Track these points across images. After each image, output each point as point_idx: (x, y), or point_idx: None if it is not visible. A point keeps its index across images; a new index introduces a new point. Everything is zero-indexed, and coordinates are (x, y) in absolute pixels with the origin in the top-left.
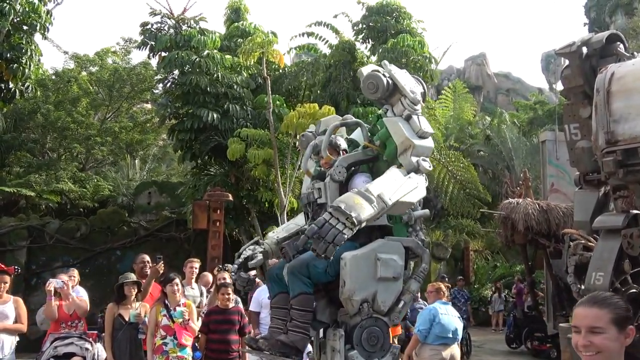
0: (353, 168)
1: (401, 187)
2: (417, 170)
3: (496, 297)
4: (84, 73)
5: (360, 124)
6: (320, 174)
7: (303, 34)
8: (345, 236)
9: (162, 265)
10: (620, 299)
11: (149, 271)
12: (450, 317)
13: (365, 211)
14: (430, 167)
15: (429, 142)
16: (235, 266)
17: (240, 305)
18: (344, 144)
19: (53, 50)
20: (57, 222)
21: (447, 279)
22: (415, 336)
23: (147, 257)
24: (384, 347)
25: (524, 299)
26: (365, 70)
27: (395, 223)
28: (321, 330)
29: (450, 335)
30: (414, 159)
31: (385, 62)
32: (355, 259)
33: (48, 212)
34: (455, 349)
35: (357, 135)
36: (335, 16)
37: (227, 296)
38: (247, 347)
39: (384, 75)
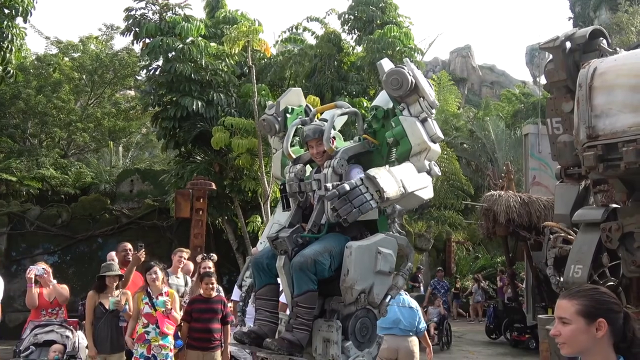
0: (353, 161)
1: (419, 181)
2: (428, 173)
3: (476, 287)
4: (66, 59)
5: (357, 113)
6: (306, 159)
7: (290, 29)
8: (372, 206)
9: (144, 253)
10: (598, 293)
11: (131, 259)
12: (394, 307)
13: (393, 191)
14: (440, 172)
15: (439, 148)
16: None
17: (223, 294)
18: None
19: (35, 35)
20: (38, 208)
21: (421, 270)
22: None
23: (129, 245)
24: (371, 338)
25: (504, 290)
26: (386, 64)
27: (379, 215)
28: None
29: (391, 326)
30: (427, 163)
31: (407, 59)
32: (360, 250)
33: (29, 199)
34: (404, 342)
35: (340, 121)
36: (327, 14)
37: (210, 285)
38: (233, 341)
39: (409, 73)
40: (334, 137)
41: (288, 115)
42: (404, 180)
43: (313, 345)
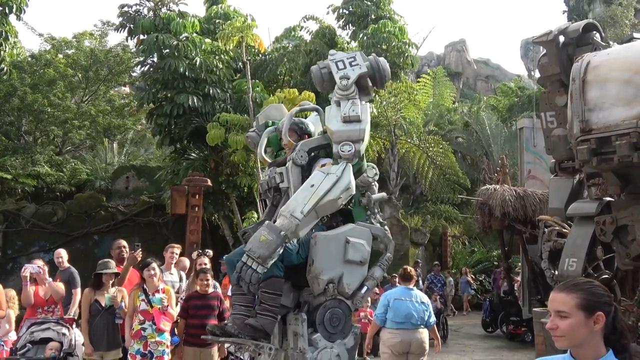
0: (313, 153)
1: (314, 194)
2: (338, 156)
3: (463, 280)
4: (60, 56)
5: (318, 109)
6: (280, 161)
7: (288, 30)
8: (260, 275)
9: (140, 252)
10: (593, 286)
11: (126, 256)
12: (407, 303)
13: (270, 245)
14: (349, 151)
15: (355, 126)
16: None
17: (220, 291)
18: (311, 127)
19: (28, 32)
20: (34, 206)
21: (419, 264)
22: (374, 321)
23: (124, 243)
24: (344, 329)
25: (500, 284)
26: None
27: (354, 206)
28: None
29: (404, 320)
30: (335, 146)
31: (332, 50)
32: (326, 239)
33: (24, 197)
34: (415, 334)
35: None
36: (327, 12)
37: (206, 282)
38: (210, 337)
39: (319, 66)
40: (307, 133)
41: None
42: (295, 209)
43: (287, 339)
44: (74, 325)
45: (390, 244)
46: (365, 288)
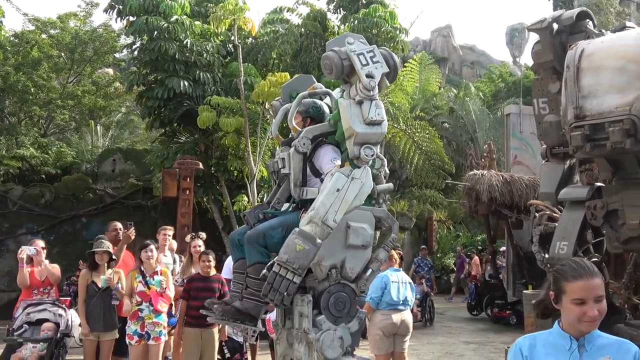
0: (320, 139)
1: (343, 200)
2: (357, 158)
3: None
4: (44, 36)
5: (330, 93)
6: (290, 140)
7: (277, 10)
8: (296, 284)
9: (134, 231)
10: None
11: (121, 238)
12: (401, 285)
13: (309, 254)
14: (372, 155)
15: (377, 129)
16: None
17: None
18: (326, 110)
19: (12, 12)
20: (21, 188)
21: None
22: (367, 303)
23: (119, 225)
24: (350, 312)
25: (483, 268)
26: (330, 45)
27: None
28: None
29: (401, 302)
30: (356, 148)
31: (350, 38)
32: None
33: (9, 179)
34: (406, 315)
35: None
36: None
37: (208, 263)
38: (205, 312)
39: (339, 56)
40: (320, 115)
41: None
42: (328, 217)
43: (291, 319)
44: (69, 307)
45: (395, 225)
46: (369, 270)
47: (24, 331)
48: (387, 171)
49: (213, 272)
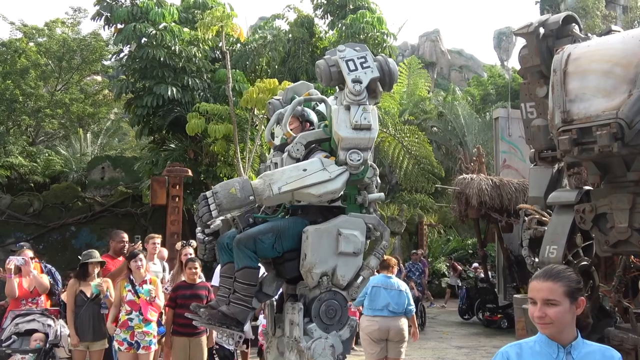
0: (313, 145)
1: (301, 178)
2: (345, 163)
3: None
4: (31, 44)
5: (325, 100)
6: (283, 144)
7: (267, 20)
8: (212, 217)
9: (140, 244)
10: (572, 272)
11: (127, 251)
12: (385, 291)
13: (234, 201)
14: (358, 160)
15: (365, 134)
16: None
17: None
18: (314, 117)
19: None
20: (9, 197)
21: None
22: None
23: (126, 237)
24: (341, 320)
25: (425, 271)
26: (327, 53)
27: (349, 204)
28: (276, 305)
29: (381, 308)
30: (342, 153)
31: (341, 46)
32: (317, 233)
33: None
34: (394, 322)
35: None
36: (300, 0)
37: (194, 270)
38: (190, 315)
39: (328, 63)
40: (311, 122)
41: None
42: (275, 182)
43: (281, 327)
44: (58, 317)
45: (386, 232)
46: (360, 278)
47: (12, 342)
48: (379, 181)
49: (199, 279)
